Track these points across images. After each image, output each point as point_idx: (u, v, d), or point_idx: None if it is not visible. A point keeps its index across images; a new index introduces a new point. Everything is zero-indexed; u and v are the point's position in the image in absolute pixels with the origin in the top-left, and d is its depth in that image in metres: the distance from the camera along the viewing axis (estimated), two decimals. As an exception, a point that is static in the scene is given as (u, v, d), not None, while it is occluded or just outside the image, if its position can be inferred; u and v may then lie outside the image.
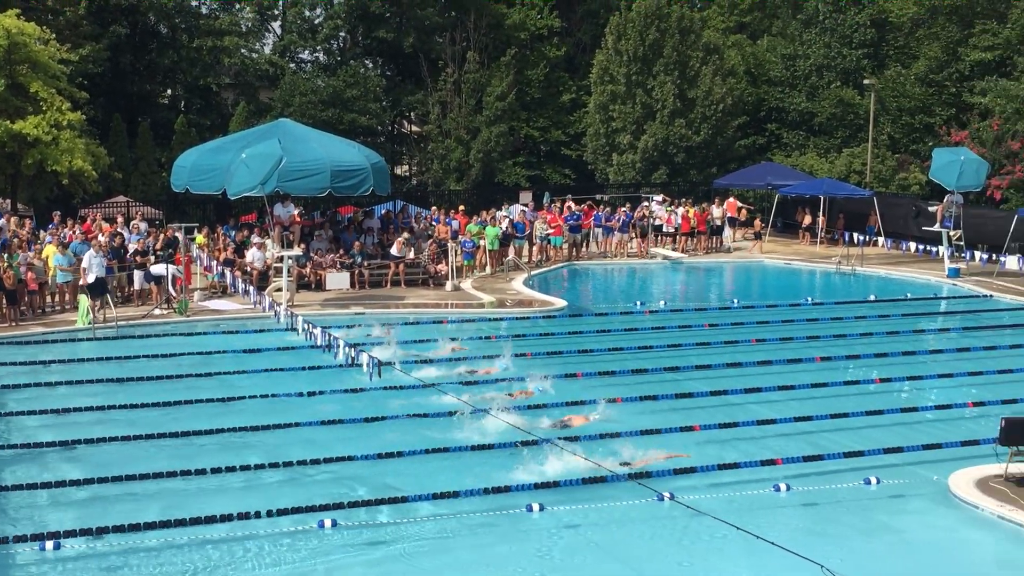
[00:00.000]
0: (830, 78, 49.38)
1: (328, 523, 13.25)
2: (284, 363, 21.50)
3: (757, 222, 42.13)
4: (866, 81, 46.59)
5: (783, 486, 14.78)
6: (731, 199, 43.17)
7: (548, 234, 36.52)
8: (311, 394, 19.27)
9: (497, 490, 14.43)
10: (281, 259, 27.56)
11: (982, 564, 13.12)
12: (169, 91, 52.45)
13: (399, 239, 31.81)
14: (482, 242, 34.10)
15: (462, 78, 49.68)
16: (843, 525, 13.89)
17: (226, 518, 13.29)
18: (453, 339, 24.10)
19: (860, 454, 16.21)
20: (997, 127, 40.98)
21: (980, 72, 45.24)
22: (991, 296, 31.47)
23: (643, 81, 47.30)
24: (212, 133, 45.88)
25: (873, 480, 15.12)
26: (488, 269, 34.15)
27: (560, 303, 28.97)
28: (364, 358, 18.62)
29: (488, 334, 24.91)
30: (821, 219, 42.42)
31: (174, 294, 26.81)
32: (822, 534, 13.53)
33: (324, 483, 15.04)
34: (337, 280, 30.12)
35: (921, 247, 35.52)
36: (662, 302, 30.33)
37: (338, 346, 19.80)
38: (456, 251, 31.88)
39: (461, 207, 38.26)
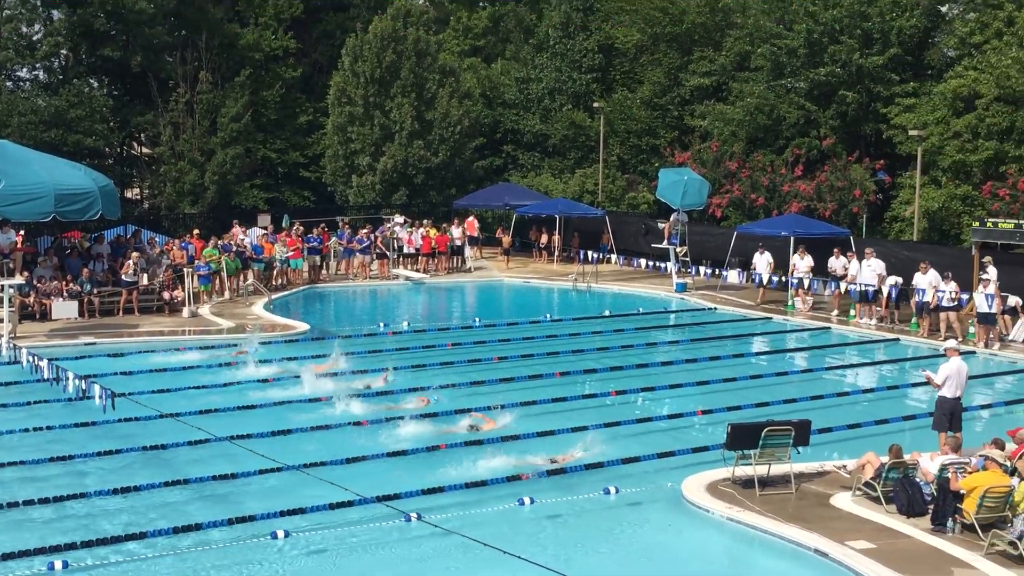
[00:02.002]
0: (562, 101, 50.99)
1: (59, 565, 12.55)
2: (7, 399, 20.27)
3: (506, 239, 43.02)
4: (595, 104, 48.34)
5: (527, 500, 15.08)
6: (470, 219, 43.86)
7: (287, 257, 35.93)
8: (37, 429, 18.24)
9: (241, 520, 14.06)
10: (0, 288, 25.97)
11: (713, 564, 13.79)
12: None
13: (128, 261, 30.51)
14: (219, 266, 33.19)
15: (195, 99, 48.31)
16: (585, 535, 14.30)
17: (-56, 568, 12.40)
18: (192, 367, 23.41)
19: (600, 465, 16.75)
20: (716, 148, 43.36)
21: (699, 96, 47.75)
22: (715, 309, 33.23)
23: (381, 103, 47.40)
24: (-80, 154, 42.68)
25: (612, 489, 15.64)
26: (227, 294, 33.31)
27: (302, 326, 28.60)
28: (97, 390, 17.79)
29: (227, 361, 24.27)
30: (557, 238, 43.70)
31: None
32: (566, 544, 13.88)
33: (56, 523, 14.25)
34: (64, 309, 28.70)
35: (651, 263, 37.11)
36: (405, 323, 30.39)
37: (67, 378, 18.84)
38: (192, 276, 30.95)
39: (195, 231, 37.15)
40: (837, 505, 15.02)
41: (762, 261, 33.53)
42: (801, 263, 32.28)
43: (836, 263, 31.64)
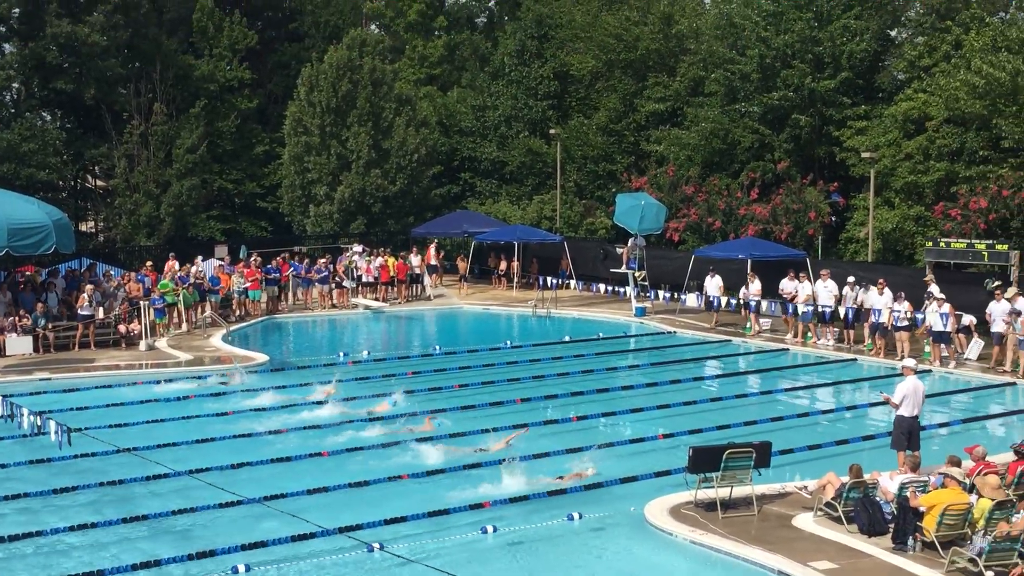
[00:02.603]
0: (518, 128, 51.16)
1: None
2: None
3: (463, 265, 43.01)
4: (552, 131, 48.54)
5: (490, 528, 15.02)
6: (430, 247, 43.84)
7: (246, 288, 35.66)
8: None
9: (201, 555, 13.90)
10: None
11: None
12: None
13: (83, 295, 30.18)
14: (176, 299, 32.89)
15: (149, 130, 48.05)
16: (548, 562, 14.26)
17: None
18: (146, 401, 23.20)
19: (563, 492, 16.73)
20: (672, 173, 43.62)
21: (655, 122, 48.08)
22: (674, 332, 33.35)
23: (337, 132, 47.34)
24: None
25: (576, 516, 15.61)
26: (184, 326, 33.03)
27: (261, 358, 28.40)
28: (52, 426, 17.55)
29: (186, 394, 24.06)
30: (516, 264, 43.74)
31: None
32: (529, 572, 13.83)
33: (11, 562, 14.02)
34: (18, 345, 28.35)
35: (610, 288, 37.22)
36: (365, 352, 30.27)
37: (21, 414, 18.58)
38: (148, 309, 30.66)
39: (149, 263, 36.81)
40: (799, 526, 15.09)
41: (713, 284, 33.77)
42: (750, 287, 32.45)
43: (789, 285, 31.84)
